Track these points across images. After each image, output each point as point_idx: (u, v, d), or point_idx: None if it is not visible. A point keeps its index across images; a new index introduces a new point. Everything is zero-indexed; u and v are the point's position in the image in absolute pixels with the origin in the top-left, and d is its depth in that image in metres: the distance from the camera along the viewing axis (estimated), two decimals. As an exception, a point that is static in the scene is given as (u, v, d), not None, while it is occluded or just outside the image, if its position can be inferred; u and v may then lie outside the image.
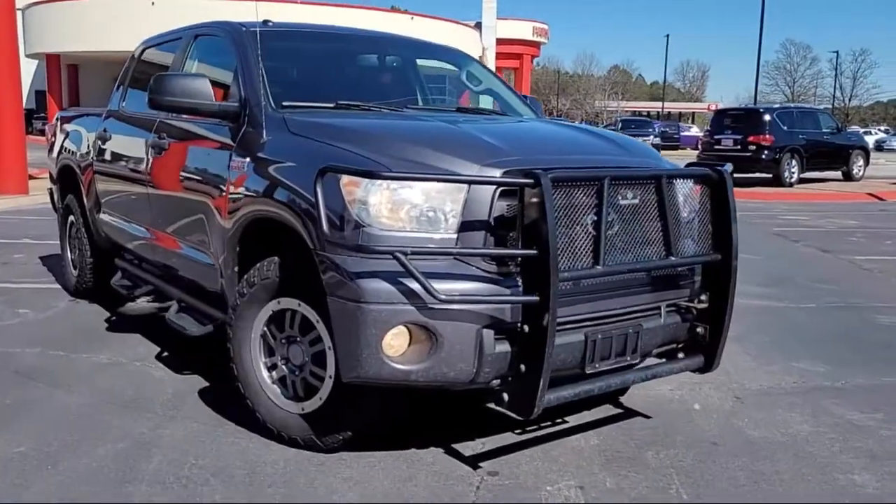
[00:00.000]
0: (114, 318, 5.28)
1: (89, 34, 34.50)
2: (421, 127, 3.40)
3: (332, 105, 3.64)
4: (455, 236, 2.73)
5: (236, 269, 3.41)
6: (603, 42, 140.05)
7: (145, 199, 4.35)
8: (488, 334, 2.71)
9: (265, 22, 4.07)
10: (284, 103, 3.51)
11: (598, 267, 2.78)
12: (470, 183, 2.72)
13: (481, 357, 2.71)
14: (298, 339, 3.09)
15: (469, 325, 2.68)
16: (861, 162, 18.84)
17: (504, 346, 2.75)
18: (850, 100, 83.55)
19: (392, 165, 2.75)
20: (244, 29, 3.90)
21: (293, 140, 3.18)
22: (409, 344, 2.72)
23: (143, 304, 5.15)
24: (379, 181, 2.68)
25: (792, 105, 25.25)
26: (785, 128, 16.99)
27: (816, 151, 17.43)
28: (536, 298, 2.61)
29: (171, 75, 3.61)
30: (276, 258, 3.11)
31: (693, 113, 78.90)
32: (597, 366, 2.93)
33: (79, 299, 5.76)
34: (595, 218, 2.79)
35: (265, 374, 3.23)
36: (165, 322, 4.10)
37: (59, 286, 6.21)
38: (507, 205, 2.77)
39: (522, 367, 2.71)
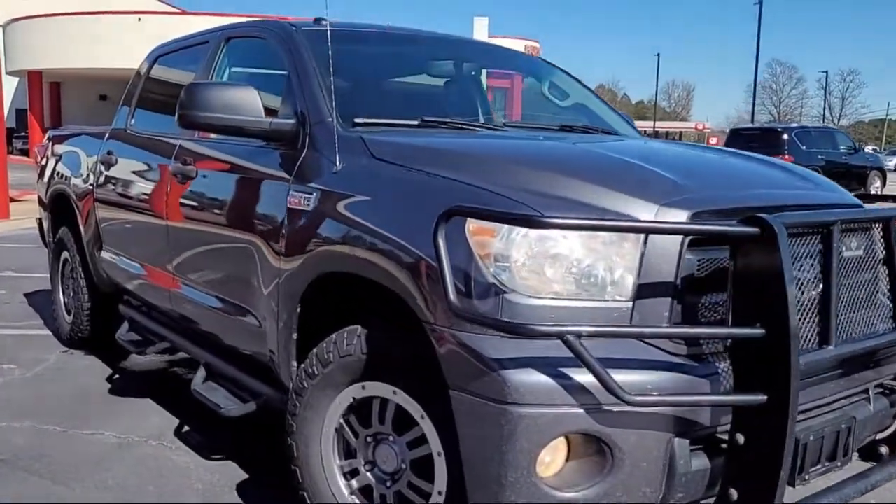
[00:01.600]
0: (116, 375, 4.43)
1: (73, 51, 33.56)
2: (562, 153, 2.62)
3: (415, 122, 2.85)
4: (629, 305, 1.94)
5: (295, 335, 2.60)
6: (589, 61, 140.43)
7: (162, 236, 3.53)
8: (681, 445, 1.92)
9: (317, 20, 3.29)
10: (357, 120, 2.72)
11: (830, 347, 2.00)
12: (684, 232, 1.95)
13: (672, 478, 1.92)
14: (391, 438, 2.29)
15: (656, 434, 1.89)
16: (878, 183, 18.30)
17: (702, 462, 1.96)
18: (839, 119, 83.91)
19: (537, 205, 1.96)
20: (296, 29, 3.11)
21: (381, 168, 2.38)
22: (569, 460, 1.93)
23: (151, 358, 4.29)
24: (525, 229, 1.89)
25: (809, 125, 24.74)
26: (804, 147, 16.39)
27: (835, 172, 16.82)
28: (764, 398, 1.82)
29: (209, 85, 2.80)
30: (360, 328, 2.30)
31: (680, 132, 78.81)
32: (806, 477, 2.14)
33: (73, 350, 4.90)
34: (820, 277, 2.02)
35: (340, 482, 2.41)
36: (177, 381, 3.27)
37: (48, 332, 5.34)
38: (700, 260, 1.99)
39: (733, 492, 1.91)
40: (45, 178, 5.25)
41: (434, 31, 3.54)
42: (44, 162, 5.35)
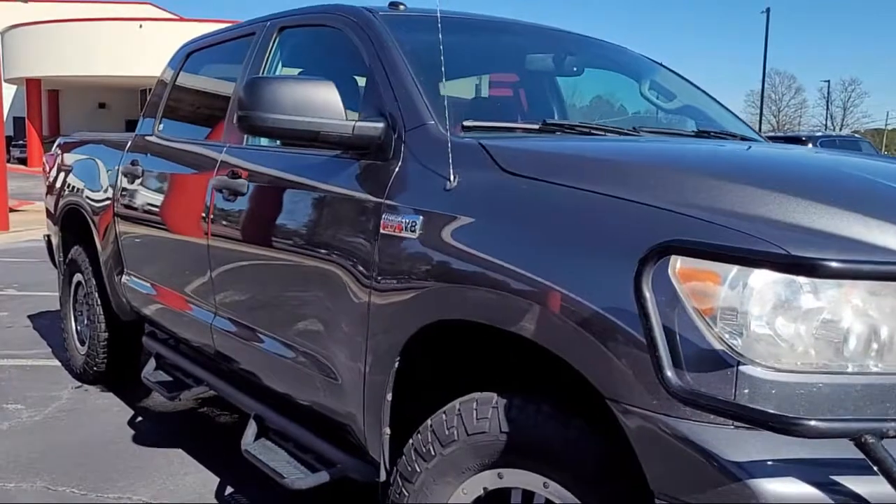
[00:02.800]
0: (140, 418, 3.86)
1: (73, 58, 33.02)
2: (777, 166, 2.06)
3: (534, 125, 2.30)
4: None
5: (390, 395, 2.04)
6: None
7: (202, 263, 2.97)
8: None
9: (394, 5, 2.74)
10: (467, 123, 2.17)
11: None
12: None
13: None
14: (536, 543, 1.73)
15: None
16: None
17: None
18: (841, 129, 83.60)
19: (777, 239, 1.40)
20: (374, 15, 2.56)
21: (518, 185, 1.81)
22: None
23: (154, 378, 3.70)
24: (770, 274, 1.34)
25: (833, 133, 24.24)
26: (830, 157, 15.85)
27: (861, 183, 16.30)
28: None
29: (278, 79, 2.23)
30: (497, 397, 1.74)
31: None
32: None
33: (86, 385, 4.33)
34: None
35: None
36: (207, 424, 2.70)
37: (57, 363, 4.77)
38: None
39: None
40: (55, 191, 4.69)
41: (528, 21, 2.99)
42: (53, 173, 4.79)
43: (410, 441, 1.91)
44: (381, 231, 2.05)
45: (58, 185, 4.66)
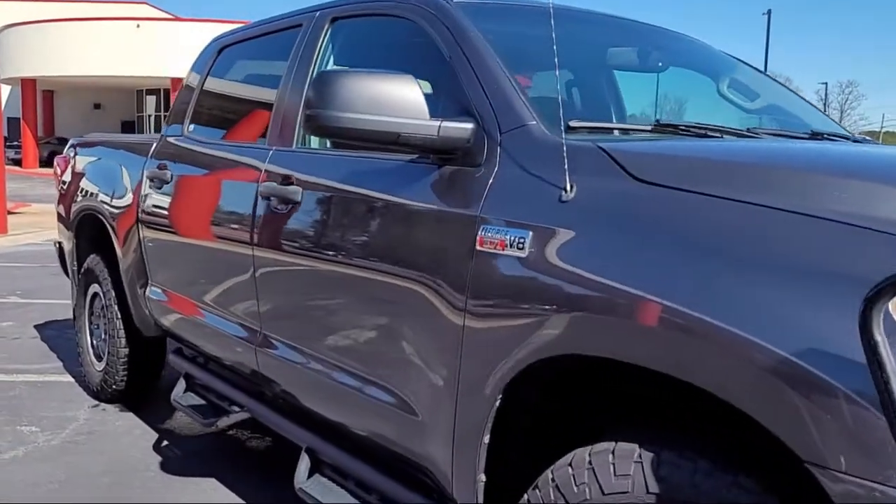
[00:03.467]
0: (165, 442, 3.57)
1: (69, 58, 32.67)
2: None
3: (646, 126, 2.03)
4: None
5: (487, 437, 1.77)
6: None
7: (246, 276, 2.68)
8: None
9: (464, -8, 2.47)
10: (573, 123, 1.89)
11: None
12: None
13: None
14: None
15: None
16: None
17: None
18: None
19: None
20: (448, 2, 2.28)
21: (662, 198, 1.53)
22: None
23: (185, 401, 3.42)
24: None
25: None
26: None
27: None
28: None
29: (352, 73, 1.93)
30: (639, 449, 1.46)
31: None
32: None
33: (104, 404, 4.04)
34: None
35: None
36: (238, 447, 2.42)
37: (70, 378, 4.48)
38: None
39: None
40: (69, 195, 4.40)
41: (605, 12, 2.71)
42: (67, 176, 4.50)
43: (526, 497, 1.63)
44: (478, 248, 1.77)
45: (72, 188, 4.37)
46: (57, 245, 4.77)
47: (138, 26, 31.58)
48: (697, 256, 1.40)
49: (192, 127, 3.41)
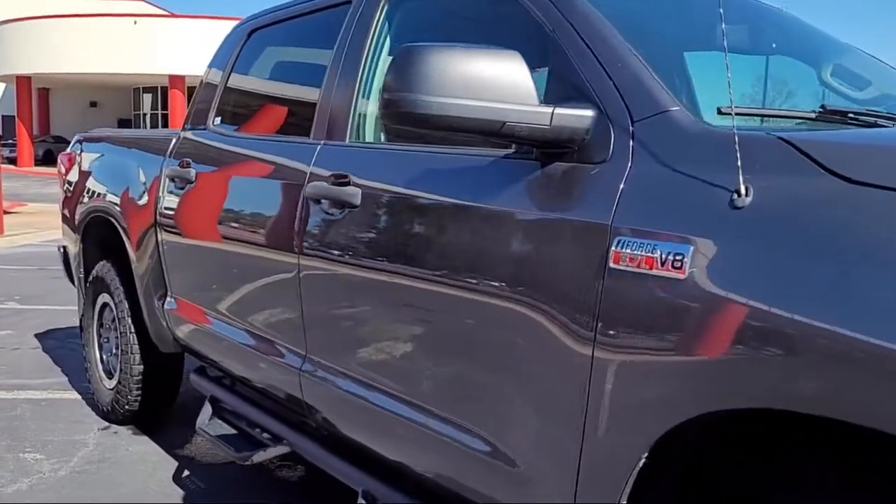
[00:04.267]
0: (186, 471, 3.21)
1: (65, 55, 32.20)
2: None
3: (809, 113, 1.67)
4: None
5: (624, 502, 1.41)
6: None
7: (290, 292, 2.31)
8: None
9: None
10: (724, 109, 1.53)
11: None
12: None
13: None
14: None
15: None
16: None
17: None
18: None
19: None
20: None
21: (880, 203, 1.17)
22: None
23: (213, 430, 3.04)
24: None
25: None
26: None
27: None
28: None
29: (448, 50, 1.55)
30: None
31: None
32: None
33: (115, 425, 3.67)
34: None
35: None
36: (269, 477, 2.06)
37: (76, 395, 4.11)
38: None
39: None
40: (75, 195, 4.02)
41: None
42: (72, 174, 4.13)
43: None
44: (611, 265, 1.41)
45: (78, 188, 3.99)
46: (61, 249, 4.39)
47: (135, 23, 31.13)
48: None
49: (217, 121, 3.04)
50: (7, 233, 11.76)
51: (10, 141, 36.77)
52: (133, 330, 3.46)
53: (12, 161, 35.34)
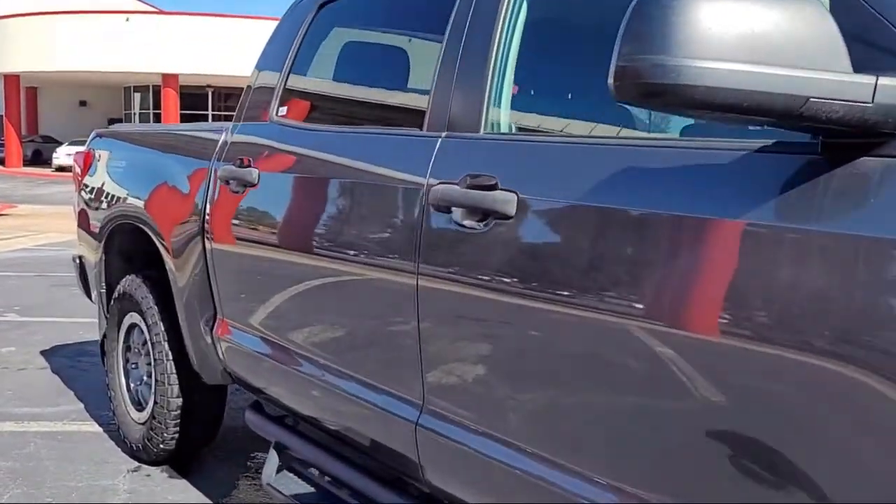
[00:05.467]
0: (240, 528, 2.71)
1: (54, 53, 31.50)
2: None
3: None
4: None
5: None
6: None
7: (404, 323, 1.83)
8: None
9: None
10: None
11: None
12: None
13: None
14: None
15: None
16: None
17: None
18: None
19: None
20: None
21: None
22: None
23: (287, 488, 2.54)
24: None
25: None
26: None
27: None
28: None
29: None
30: None
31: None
32: None
33: (146, 465, 3.16)
34: None
35: None
36: None
37: (95, 426, 3.60)
38: None
39: None
40: (96, 199, 3.51)
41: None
42: (92, 176, 3.61)
43: None
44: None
45: (100, 190, 3.48)
46: (77, 260, 3.87)
47: (127, 20, 30.48)
48: None
49: (282, 111, 2.54)
50: (1, 236, 11.23)
51: (-2, 141, 36.05)
52: (171, 357, 2.96)
53: (0, 161, 34.62)
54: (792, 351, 1.12)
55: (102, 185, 3.47)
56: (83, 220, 3.66)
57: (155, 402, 3.06)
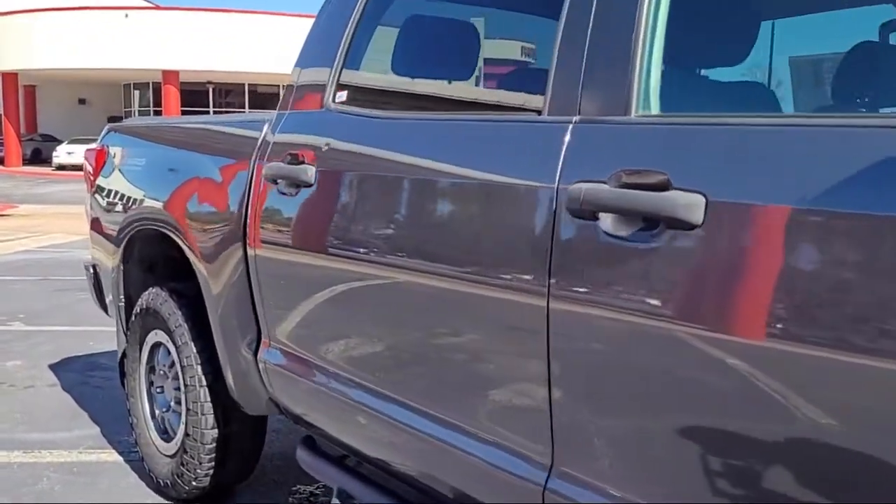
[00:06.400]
0: (292, 586, 2.32)
1: (53, 50, 31.03)
2: None
3: None
4: None
5: None
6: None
7: (525, 357, 1.44)
8: None
9: None
10: None
11: None
12: None
13: None
14: None
15: None
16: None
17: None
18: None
19: None
20: None
21: None
22: None
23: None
24: None
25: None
26: None
27: None
28: None
29: None
30: None
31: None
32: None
33: (175, 504, 2.78)
34: None
35: None
36: None
37: (114, 454, 3.21)
38: None
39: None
40: (112, 201, 3.12)
41: None
42: (106, 176, 3.22)
43: None
44: None
45: (117, 192, 3.09)
46: (91, 269, 3.47)
47: (126, 16, 30.00)
48: None
49: (341, 97, 2.13)
50: (2, 238, 10.84)
51: (-3, 139, 35.59)
52: (204, 383, 2.57)
53: (0, 161, 34.21)
54: None
55: (119, 185, 3.08)
56: (97, 225, 3.27)
57: (186, 434, 2.67)
